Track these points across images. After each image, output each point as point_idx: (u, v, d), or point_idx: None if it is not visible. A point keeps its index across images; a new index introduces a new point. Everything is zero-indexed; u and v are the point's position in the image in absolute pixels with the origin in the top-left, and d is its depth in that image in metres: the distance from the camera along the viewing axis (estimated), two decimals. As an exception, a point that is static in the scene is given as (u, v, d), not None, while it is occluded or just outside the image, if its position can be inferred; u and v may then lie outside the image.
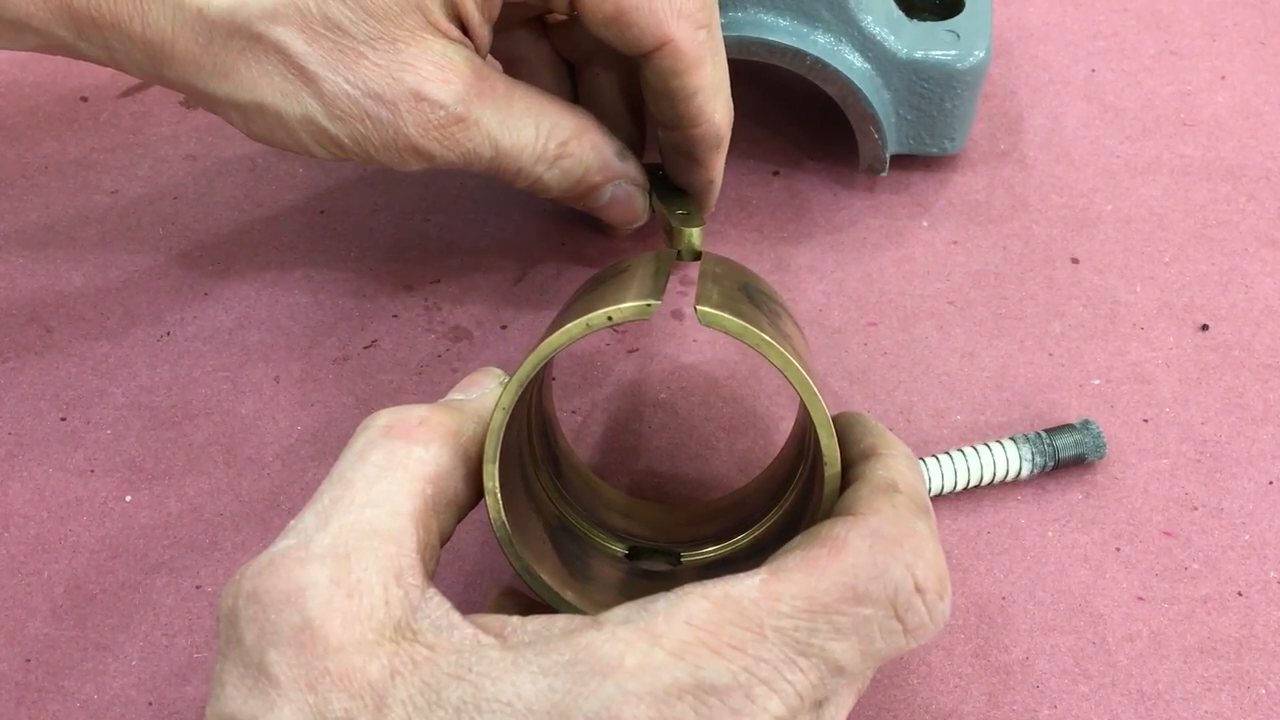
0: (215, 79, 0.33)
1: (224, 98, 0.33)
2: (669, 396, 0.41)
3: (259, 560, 0.24)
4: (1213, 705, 0.33)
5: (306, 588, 0.23)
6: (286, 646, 0.23)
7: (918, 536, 0.24)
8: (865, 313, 0.43)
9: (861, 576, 0.23)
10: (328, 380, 0.41)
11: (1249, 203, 0.47)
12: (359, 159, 0.35)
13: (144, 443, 0.39)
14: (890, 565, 0.23)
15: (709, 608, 0.23)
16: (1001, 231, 0.46)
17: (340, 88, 0.32)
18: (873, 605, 0.23)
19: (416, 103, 0.33)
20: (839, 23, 0.43)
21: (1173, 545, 0.36)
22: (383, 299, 0.44)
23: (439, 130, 0.34)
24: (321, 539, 0.24)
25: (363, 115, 0.33)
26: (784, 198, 0.48)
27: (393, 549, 0.24)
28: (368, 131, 0.33)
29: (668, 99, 0.35)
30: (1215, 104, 0.51)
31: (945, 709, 0.33)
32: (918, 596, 0.24)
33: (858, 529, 0.24)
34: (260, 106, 0.33)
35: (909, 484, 0.26)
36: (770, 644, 0.23)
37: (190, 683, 0.33)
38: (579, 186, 0.38)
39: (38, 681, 0.33)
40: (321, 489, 0.26)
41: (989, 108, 0.51)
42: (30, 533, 0.37)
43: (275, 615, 0.23)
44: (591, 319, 0.27)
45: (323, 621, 0.23)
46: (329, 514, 0.25)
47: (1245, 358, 0.42)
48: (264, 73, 0.33)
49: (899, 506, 0.25)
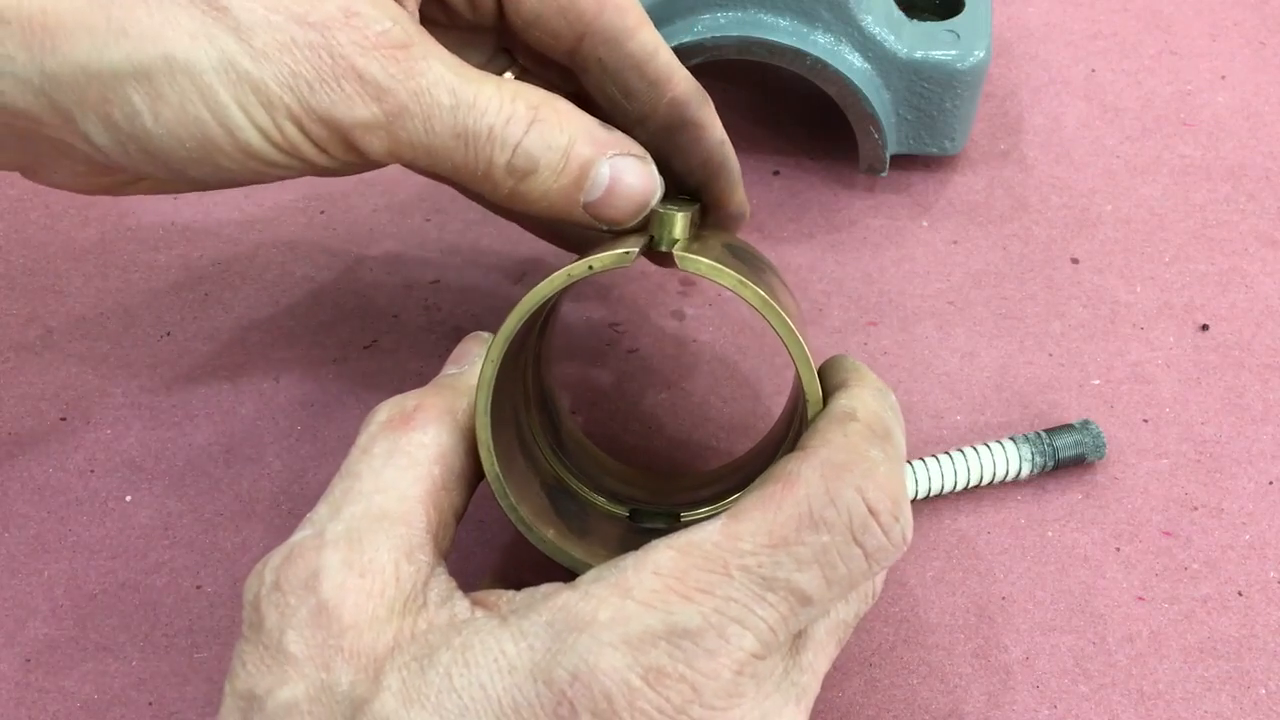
0: (112, 41, 0.27)
1: (126, 66, 0.28)
2: (669, 396, 0.41)
3: (279, 551, 0.25)
4: (1213, 705, 0.33)
5: (321, 572, 0.24)
6: (304, 628, 0.24)
7: (867, 461, 0.25)
8: (865, 313, 0.43)
9: (815, 505, 0.24)
10: (328, 380, 0.41)
11: (1249, 203, 0.47)
12: (300, 129, 0.29)
13: (144, 443, 0.39)
14: (841, 490, 0.24)
15: (674, 556, 0.24)
16: (1001, 231, 0.46)
17: (257, 14, 0.28)
18: (829, 531, 0.24)
19: (348, 18, 0.28)
20: (839, 23, 0.43)
21: (1173, 545, 0.36)
22: (383, 299, 0.44)
23: (383, 51, 0.29)
24: (335, 527, 0.25)
25: (289, 43, 0.28)
26: (784, 198, 0.48)
27: (403, 529, 0.25)
28: (299, 65, 0.28)
29: (633, 67, 0.33)
30: (1215, 104, 0.51)
31: (945, 709, 0.33)
32: (872, 519, 0.24)
33: (809, 461, 0.25)
34: (169, 62, 0.28)
35: (868, 411, 0.27)
36: (736, 583, 0.23)
37: (190, 683, 0.33)
38: (568, 165, 0.31)
39: (38, 681, 0.33)
40: (332, 484, 0.27)
41: (989, 108, 0.51)
42: (30, 533, 0.37)
43: (295, 600, 0.24)
44: (573, 268, 0.27)
45: (337, 603, 0.24)
46: (340, 504, 0.26)
47: (1245, 358, 0.42)
48: (167, 17, 0.28)
49: (851, 434, 0.26)
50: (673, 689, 0.23)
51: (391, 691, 0.23)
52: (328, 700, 0.23)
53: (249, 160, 0.30)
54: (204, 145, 0.29)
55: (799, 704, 0.26)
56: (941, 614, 0.35)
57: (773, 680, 0.25)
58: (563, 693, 0.22)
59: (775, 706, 0.25)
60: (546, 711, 0.22)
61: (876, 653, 0.34)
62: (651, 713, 0.22)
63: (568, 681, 0.22)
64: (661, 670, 0.23)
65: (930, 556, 0.36)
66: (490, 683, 0.23)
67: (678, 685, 0.23)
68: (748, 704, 0.24)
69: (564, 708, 0.22)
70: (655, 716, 0.22)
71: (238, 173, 0.31)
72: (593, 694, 0.22)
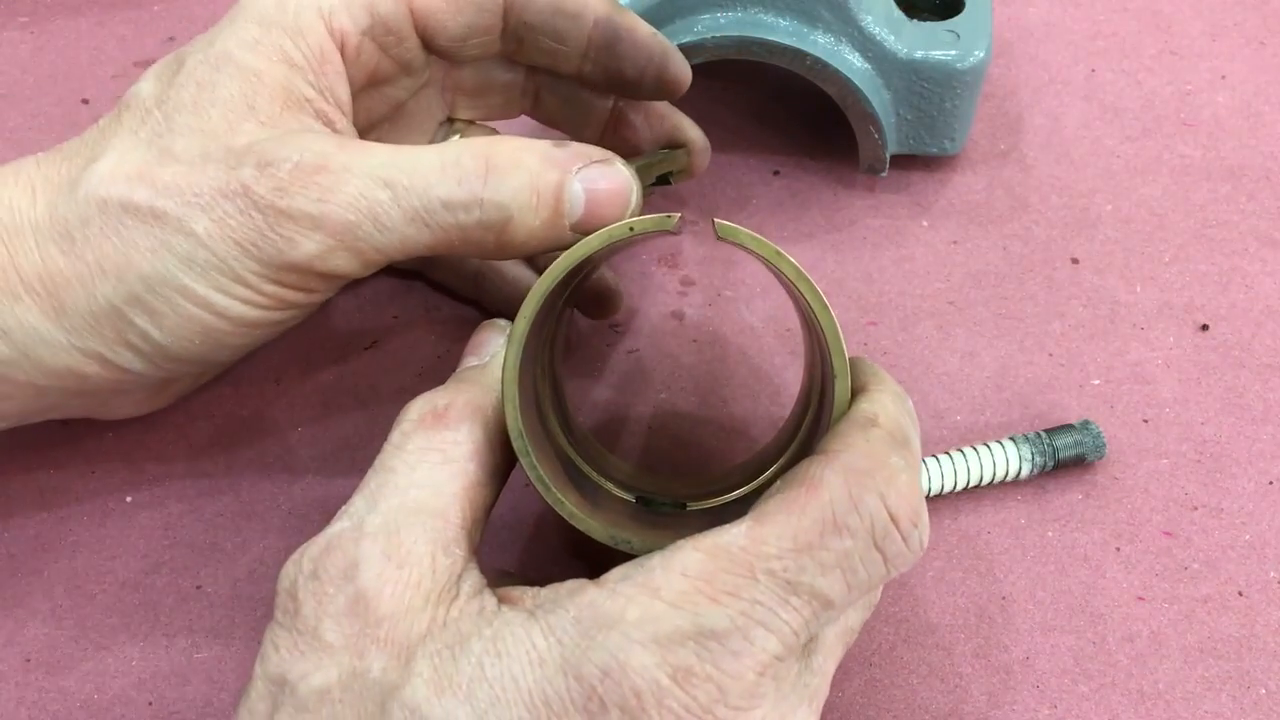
0: (99, 281, 0.30)
1: (118, 298, 0.30)
2: (669, 396, 0.41)
3: (316, 542, 0.26)
4: (1213, 705, 0.33)
5: (360, 562, 0.25)
6: (342, 616, 0.25)
7: (889, 469, 0.25)
8: (865, 313, 0.43)
9: (839, 510, 0.24)
10: (328, 380, 0.41)
11: (1249, 203, 0.47)
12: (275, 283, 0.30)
13: (144, 443, 0.39)
14: (863, 496, 0.25)
15: (702, 558, 0.24)
16: (1001, 231, 0.46)
17: (189, 204, 0.30)
18: (851, 537, 0.24)
19: (262, 170, 0.29)
20: (839, 23, 0.43)
21: (1173, 545, 0.36)
22: (383, 299, 0.44)
23: (299, 183, 0.29)
24: (373, 519, 0.26)
25: (222, 218, 0.29)
26: (784, 197, 0.48)
27: (439, 523, 0.26)
28: (238, 233, 0.29)
29: (554, 12, 0.36)
30: (1215, 104, 0.51)
31: (945, 709, 0.33)
32: (893, 526, 0.25)
33: (832, 465, 0.25)
34: (146, 282, 0.30)
35: (889, 417, 0.27)
36: (762, 586, 0.24)
37: (190, 683, 0.33)
38: (540, 198, 0.31)
39: (38, 681, 0.34)
40: (366, 479, 0.27)
41: (989, 108, 0.51)
42: (30, 533, 0.37)
43: (333, 589, 0.25)
44: (613, 229, 0.28)
45: (376, 592, 0.25)
46: (376, 498, 0.27)
47: (1245, 358, 0.41)
48: (126, 242, 0.30)
49: (873, 440, 0.26)
50: (700, 688, 0.23)
51: (423, 678, 0.24)
52: (359, 687, 0.24)
53: (253, 329, 0.32)
54: (208, 335, 0.31)
55: (811, 705, 0.26)
56: (942, 614, 0.35)
57: (789, 682, 0.25)
58: (593, 688, 0.23)
59: (791, 707, 0.25)
60: (576, 706, 0.23)
61: (877, 653, 0.34)
62: (679, 711, 0.23)
63: (598, 677, 0.23)
64: (689, 670, 0.23)
65: (931, 556, 0.36)
66: (522, 675, 0.23)
67: (704, 685, 0.23)
68: (768, 705, 0.24)
69: (593, 703, 0.23)
70: (682, 715, 0.23)
71: (253, 339, 0.33)
72: (622, 690, 0.23)
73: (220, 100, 0.31)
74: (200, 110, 0.31)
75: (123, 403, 0.36)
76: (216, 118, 0.31)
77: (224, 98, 0.31)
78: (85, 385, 0.32)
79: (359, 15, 0.33)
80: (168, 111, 0.31)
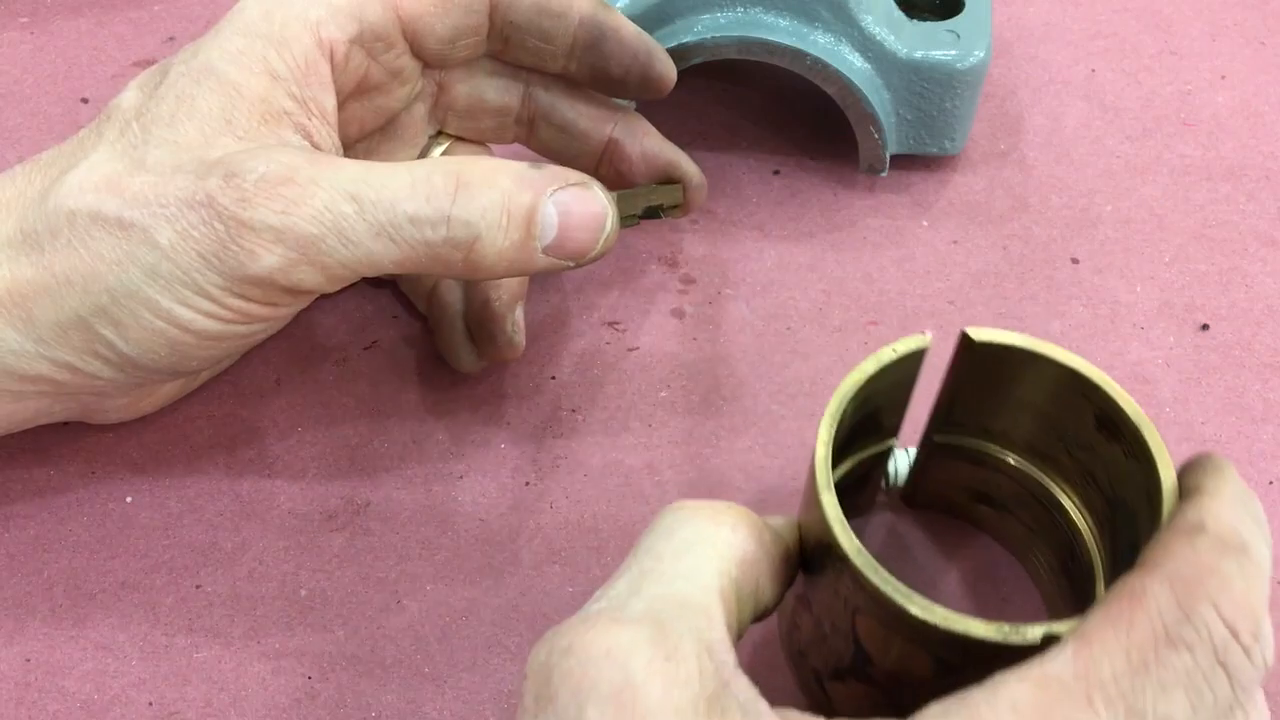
0: (65, 293, 0.30)
1: (85, 310, 0.30)
2: (669, 396, 0.41)
3: (571, 621, 0.24)
4: (1213, 705, 0.33)
5: (627, 646, 0.23)
6: (606, 704, 0.22)
7: (1220, 575, 0.22)
8: (865, 313, 0.43)
9: (1169, 622, 0.22)
10: (328, 381, 0.41)
11: (1249, 203, 0.47)
12: (238, 296, 0.30)
13: (144, 443, 0.39)
14: (1194, 606, 0.22)
15: (1030, 690, 0.22)
16: (1001, 231, 0.46)
17: (155, 214, 0.29)
18: (1189, 651, 0.22)
19: (228, 181, 0.29)
20: (839, 23, 0.43)
21: (1173, 545, 0.36)
22: (383, 299, 0.44)
23: (264, 195, 0.29)
24: (636, 604, 0.24)
25: (186, 230, 0.29)
26: (784, 197, 0.48)
27: (704, 622, 0.24)
28: (201, 245, 0.29)
29: (538, 12, 0.36)
30: (1215, 104, 0.51)
31: (945, 709, 0.33)
32: (1232, 639, 0.22)
33: (1153, 575, 0.23)
34: (111, 294, 0.30)
35: (1220, 522, 0.24)
36: (1101, 715, 0.21)
37: (190, 683, 0.33)
38: (511, 219, 0.31)
39: (38, 681, 0.34)
40: (628, 561, 0.26)
41: (989, 108, 0.51)
42: (30, 533, 0.37)
43: (594, 671, 0.22)
44: (881, 353, 0.28)
45: (644, 681, 0.22)
46: (640, 584, 0.25)
47: (1245, 358, 0.41)
48: (93, 253, 0.29)
49: (1200, 549, 0.23)
50: None
51: None
52: None
53: (219, 342, 0.32)
54: (174, 348, 0.31)
55: None
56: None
57: None
58: None
59: None
60: None
61: None
62: None
63: None
64: None
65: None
66: None
67: None
68: None
69: None
70: None
71: (222, 350, 0.32)
72: None
73: (199, 113, 0.31)
74: (177, 123, 0.31)
75: (109, 407, 0.36)
76: (193, 131, 0.30)
77: (202, 111, 0.31)
78: (63, 390, 0.32)
79: (346, 24, 0.33)
80: (145, 124, 0.31)
